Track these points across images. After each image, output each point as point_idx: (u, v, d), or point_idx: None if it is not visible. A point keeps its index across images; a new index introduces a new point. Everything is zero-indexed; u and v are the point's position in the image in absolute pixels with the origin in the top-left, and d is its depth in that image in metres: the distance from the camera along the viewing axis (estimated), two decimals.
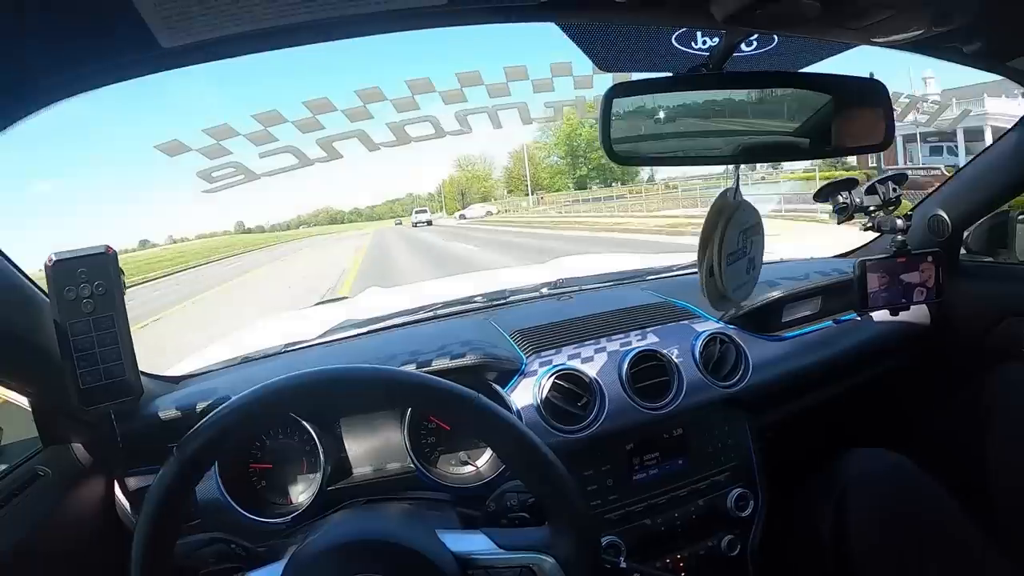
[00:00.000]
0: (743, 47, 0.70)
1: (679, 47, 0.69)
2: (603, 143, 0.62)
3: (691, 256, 1.42)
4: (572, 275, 1.41)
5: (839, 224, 1.12)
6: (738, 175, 0.71)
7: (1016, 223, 1.23)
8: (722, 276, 0.69)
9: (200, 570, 0.63)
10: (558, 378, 0.95)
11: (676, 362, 1.01)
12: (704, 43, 0.69)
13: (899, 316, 1.10)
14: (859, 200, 1.09)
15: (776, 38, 0.72)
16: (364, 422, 0.93)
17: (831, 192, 1.11)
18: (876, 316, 1.16)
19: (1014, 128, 1.08)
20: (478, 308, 1.25)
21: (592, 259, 2.10)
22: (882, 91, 0.67)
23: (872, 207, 1.09)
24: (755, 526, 1.02)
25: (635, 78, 0.67)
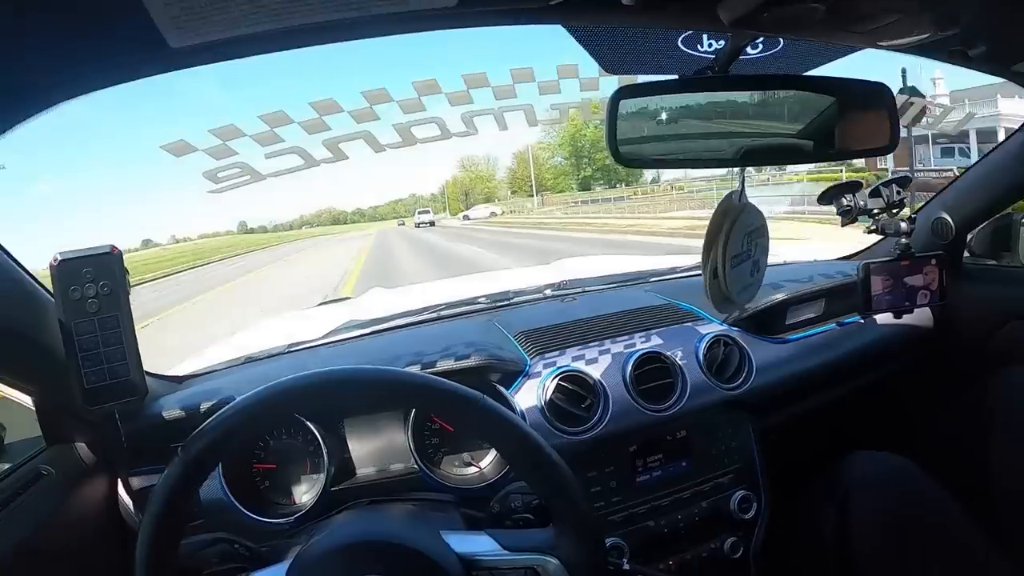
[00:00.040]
0: (748, 50, 0.70)
1: (685, 50, 0.69)
2: (609, 145, 0.62)
3: (700, 258, 1.42)
4: (575, 276, 1.41)
5: (843, 227, 1.12)
6: (743, 177, 0.72)
7: (1020, 226, 1.22)
8: (726, 278, 0.69)
9: (204, 570, 0.62)
10: (562, 380, 0.95)
11: (680, 364, 1.01)
12: (710, 46, 0.69)
13: (902, 319, 1.10)
14: (863, 203, 1.09)
15: (782, 41, 0.72)
16: (368, 423, 0.93)
17: (835, 195, 1.11)
18: (879, 319, 1.16)
19: (1018, 131, 1.08)
20: (481, 309, 1.25)
21: (595, 260, 2.10)
22: (887, 94, 0.67)
23: (876, 210, 1.09)
24: (758, 528, 1.02)
25: (641, 80, 0.68)
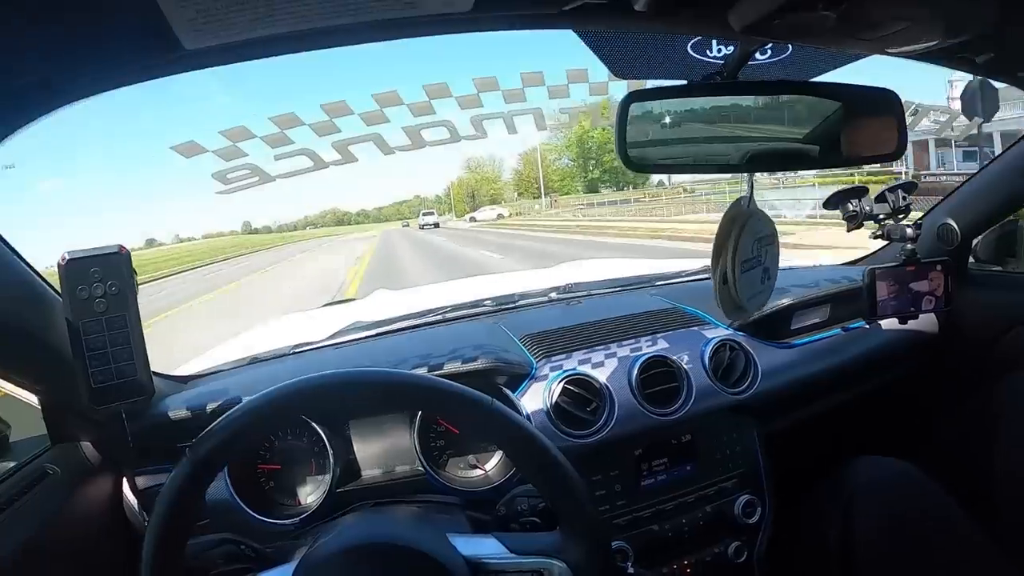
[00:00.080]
0: (757, 55, 0.70)
1: (694, 55, 0.69)
2: (618, 150, 0.62)
3: (704, 262, 1.42)
4: (581, 280, 1.41)
5: (848, 232, 1.12)
6: (751, 183, 0.72)
7: None
8: (736, 284, 0.69)
9: (210, 571, 0.62)
10: (568, 383, 0.95)
11: (685, 368, 1.01)
12: (719, 51, 0.69)
13: (908, 324, 1.09)
14: (869, 208, 1.09)
15: (790, 47, 0.72)
16: (373, 424, 0.93)
17: (841, 200, 1.11)
18: (885, 324, 1.16)
19: (1022, 139, 1.08)
20: (487, 312, 1.25)
21: (600, 263, 2.10)
22: (894, 100, 0.67)
23: (882, 215, 1.09)
24: (762, 533, 1.02)
25: (650, 85, 0.68)
